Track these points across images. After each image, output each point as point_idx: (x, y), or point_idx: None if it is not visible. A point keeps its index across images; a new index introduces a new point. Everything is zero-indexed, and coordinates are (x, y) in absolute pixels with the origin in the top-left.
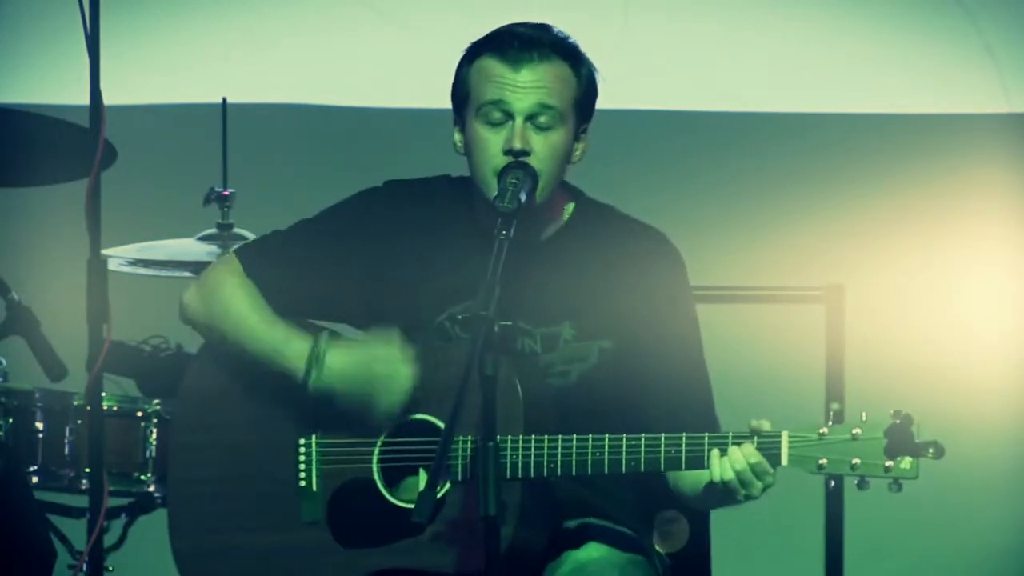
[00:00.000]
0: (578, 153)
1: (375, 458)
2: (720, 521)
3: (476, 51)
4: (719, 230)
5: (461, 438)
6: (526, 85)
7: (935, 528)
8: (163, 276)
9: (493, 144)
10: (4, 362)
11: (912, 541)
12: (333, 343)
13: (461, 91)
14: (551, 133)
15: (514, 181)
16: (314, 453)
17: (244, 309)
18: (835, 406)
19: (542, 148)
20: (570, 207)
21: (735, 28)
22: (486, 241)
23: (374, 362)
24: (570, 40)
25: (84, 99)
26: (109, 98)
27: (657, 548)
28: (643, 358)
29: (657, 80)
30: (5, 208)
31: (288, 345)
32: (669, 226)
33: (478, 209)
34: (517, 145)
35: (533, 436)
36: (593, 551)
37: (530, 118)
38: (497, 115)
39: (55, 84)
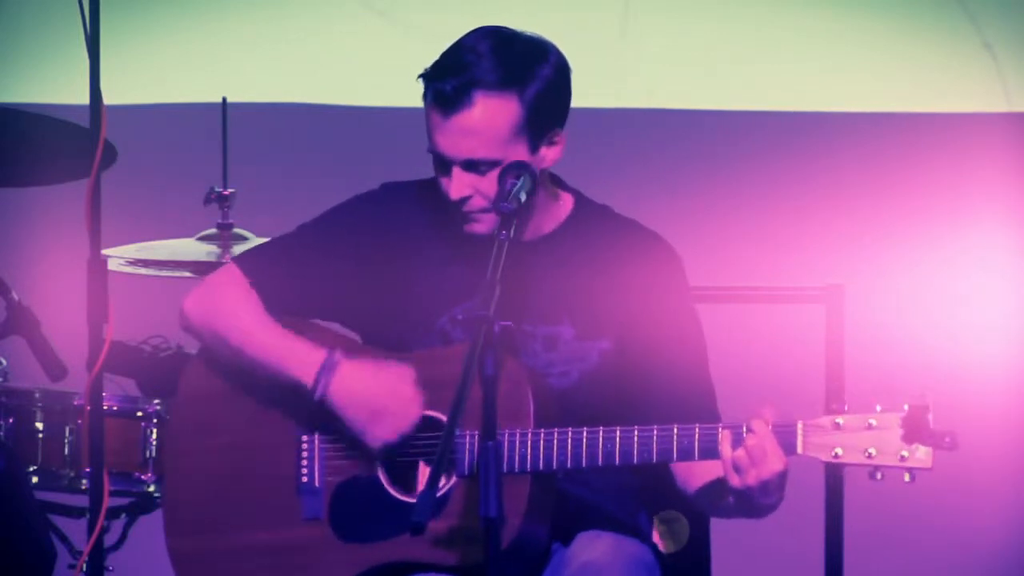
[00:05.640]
0: (548, 160)
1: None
2: (720, 521)
3: (426, 83)
4: (719, 230)
5: (469, 433)
6: (456, 134)
7: (935, 528)
8: (163, 276)
9: (444, 187)
10: (4, 362)
11: (912, 541)
12: (348, 357)
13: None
14: (492, 173)
15: (514, 181)
16: (316, 449)
17: (250, 317)
18: (834, 407)
19: (486, 187)
20: (568, 206)
21: (735, 28)
22: (483, 241)
23: (385, 394)
24: (514, 56)
25: (84, 99)
26: (109, 98)
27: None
28: (644, 359)
29: (657, 79)
30: (5, 208)
31: (297, 354)
32: (669, 226)
33: None
34: (453, 196)
35: (543, 430)
36: (598, 550)
37: (466, 166)
38: (440, 164)
39: (55, 84)
